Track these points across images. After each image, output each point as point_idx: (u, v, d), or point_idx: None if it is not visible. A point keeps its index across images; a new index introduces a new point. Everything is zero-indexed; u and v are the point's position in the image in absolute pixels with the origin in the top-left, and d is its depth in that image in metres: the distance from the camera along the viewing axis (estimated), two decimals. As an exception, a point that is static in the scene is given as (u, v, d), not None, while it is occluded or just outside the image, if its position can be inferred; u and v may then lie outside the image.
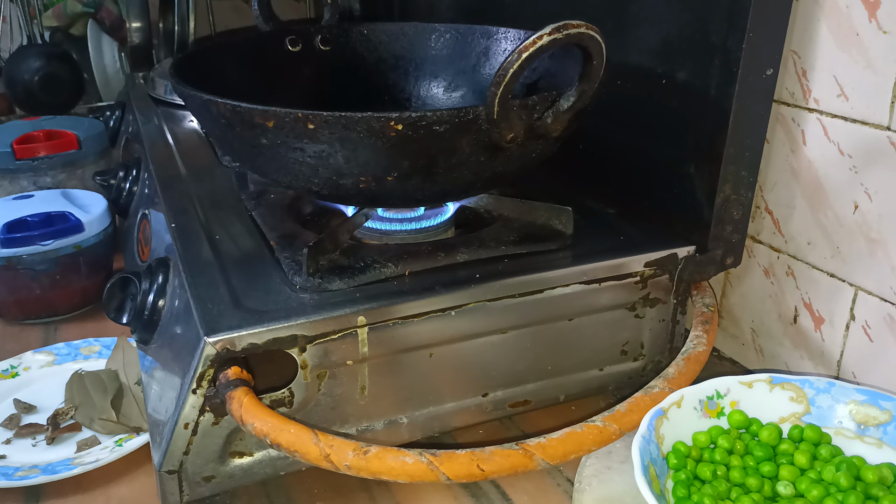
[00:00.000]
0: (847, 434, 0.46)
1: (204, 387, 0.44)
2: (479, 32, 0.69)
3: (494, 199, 0.60)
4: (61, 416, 0.57)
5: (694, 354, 0.51)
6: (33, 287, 0.71)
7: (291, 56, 0.70)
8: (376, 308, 0.47)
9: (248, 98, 0.45)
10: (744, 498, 0.43)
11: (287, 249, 0.52)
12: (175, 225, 0.58)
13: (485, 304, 0.50)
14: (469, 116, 0.43)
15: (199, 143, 0.80)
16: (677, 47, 0.56)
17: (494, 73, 0.42)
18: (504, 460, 0.42)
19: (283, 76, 0.69)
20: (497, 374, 0.53)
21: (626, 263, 0.54)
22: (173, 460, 0.46)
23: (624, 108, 0.62)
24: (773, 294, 0.62)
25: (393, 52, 0.73)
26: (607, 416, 0.46)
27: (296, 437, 0.41)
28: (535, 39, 0.40)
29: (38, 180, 0.87)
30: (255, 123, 0.45)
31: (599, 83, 0.45)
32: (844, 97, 0.53)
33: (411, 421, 0.52)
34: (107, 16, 1.37)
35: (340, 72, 0.72)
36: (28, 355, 0.66)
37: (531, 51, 0.40)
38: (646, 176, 0.61)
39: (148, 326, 0.53)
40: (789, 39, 0.55)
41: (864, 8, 0.50)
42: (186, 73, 0.54)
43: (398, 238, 0.56)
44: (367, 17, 1.24)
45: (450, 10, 0.94)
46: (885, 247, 0.52)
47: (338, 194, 0.52)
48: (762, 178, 0.60)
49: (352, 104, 0.60)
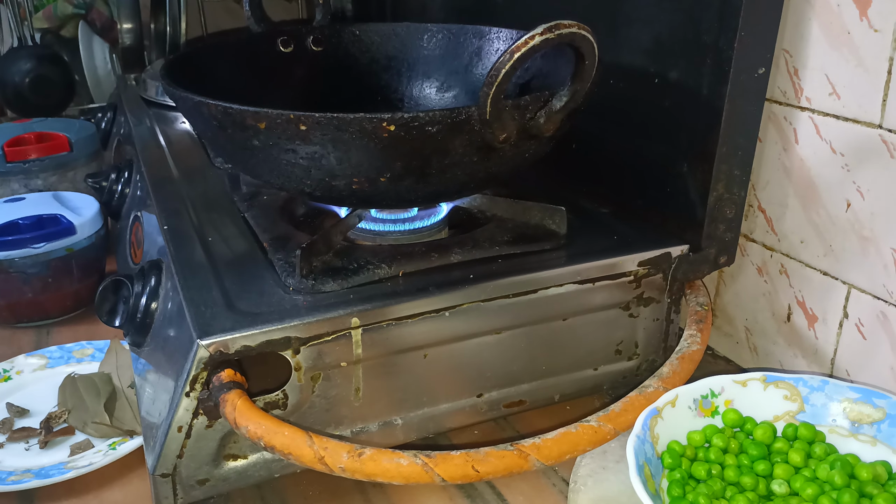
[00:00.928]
0: (841, 432, 0.46)
1: (197, 390, 0.44)
2: (472, 32, 0.69)
3: (488, 199, 0.60)
4: (54, 419, 0.57)
5: (688, 353, 0.51)
6: (25, 290, 0.71)
7: (283, 57, 0.70)
8: (370, 309, 0.47)
9: (240, 100, 0.45)
10: (739, 497, 0.43)
11: (280, 251, 0.52)
12: (167, 227, 0.58)
13: (479, 305, 0.50)
14: (461, 117, 0.43)
15: (192, 144, 0.79)
16: (669, 47, 0.56)
17: (486, 73, 0.42)
18: (499, 461, 0.42)
19: (274, 77, 0.69)
20: (492, 375, 0.53)
21: (619, 263, 0.54)
22: (167, 464, 0.45)
23: (616, 107, 0.62)
24: (766, 292, 0.62)
25: (385, 53, 0.72)
26: (602, 415, 0.46)
27: (290, 439, 0.41)
28: (526, 39, 0.40)
29: (29, 183, 0.86)
30: (247, 125, 0.45)
31: (592, 83, 0.45)
32: (836, 95, 0.53)
33: (406, 422, 0.51)
34: (98, 17, 1.36)
35: (333, 72, 0.72)
36: (20, 359, 0.65)
37: (523, 51, 0.40)
38: (639, 175, 0.61)
39: (141, 329, 0.53)
40: (781, 38, 0.55)
41: (856, 6, 0.50)
42: (177, 74, 0.54)
43: (392, 239, 0.56)
44: (359, 17, 1.24)
45: (442, 9, 0.94)
46: (877, 244, 0.52)
47: (331, 195, 0.52)
48: (755, 177, 0.60)
49: (344, 105, 0.60)
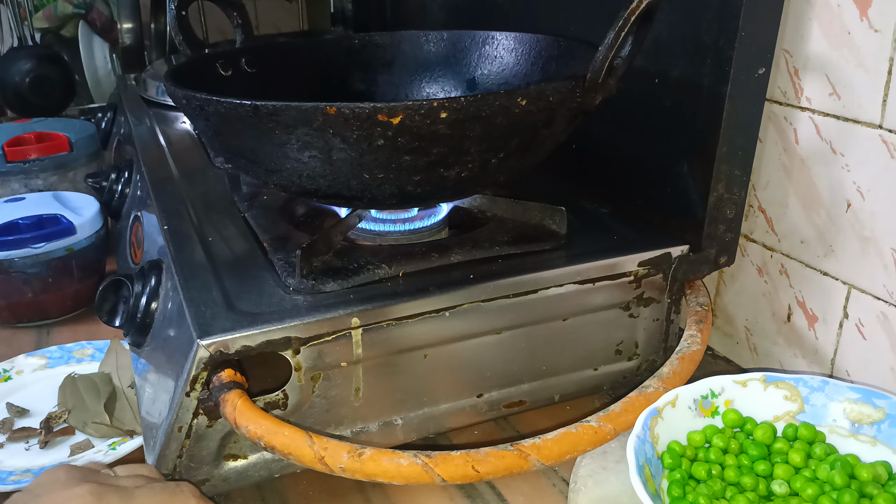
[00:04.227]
0: (841, 432, 0.46)
1: (197, 390, 0.44)
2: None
3: (488, 199, 0.60)
4: (54, 419, 0.57)
5: (688, 354, 0.51)
6: (25, 290, 0.71)
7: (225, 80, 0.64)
8: (370, 309, 0.47)
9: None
10: (739, 497, 0.43)
11: (280, 251, 0.52)
12: (167, 227, 0.58)
13: (479, 305, 0.50)
14: (571, 85, 0.45)
15: (192, 144, 0.79)
16: (669, 47, 0.56)
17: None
18: (499, 461, 0.42)
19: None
20: (492, 375, 0.53)
21: (619, 263, 0.54)
22: (167, 463, 0.45)
23: (617, 107, 0.62)
24: (766, 293, 0.62)
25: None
26: (602, 416, 0.46)
27: (290, 439, 0.41)
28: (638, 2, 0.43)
29: (29, 183, 0.86)
30: (282, 121, 0.43)
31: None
32: (836, 96, 0.53)
33: (406, 422, 0.51)
34: (98, 17, 1.36)
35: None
36: (20, 359, 0.65)
37: (637, 12, 0.43)
38: (639, 175, 0.61)
39: (141, 329, 0.53)
40: (781, 38, 0.55)
41: (856, 6, 0.50)
42: (184, 77, 0.53)
43: (392, 239, 0.56)
44: (359, 18, 1.24)
45: (441, 10, 0.94)
46: (877, 245, 0.52)
47: (348, 195, 0.51)
48: (755, 177, 0.60)
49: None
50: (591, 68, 0.46)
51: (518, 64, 0.64)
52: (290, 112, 0.42)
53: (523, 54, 0.63)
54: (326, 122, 0.42)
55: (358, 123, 0.42)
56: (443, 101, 0.42)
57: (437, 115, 0.42)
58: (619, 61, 0.47)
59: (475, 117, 0.43)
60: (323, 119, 0.42)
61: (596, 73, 0.46)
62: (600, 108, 0.48)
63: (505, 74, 0.65)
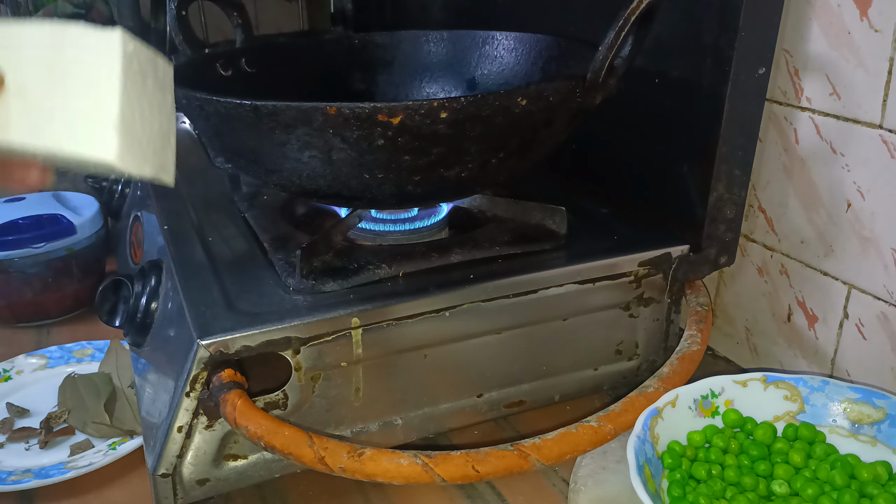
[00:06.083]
0: (841, 432, 0.46)
1: (197, 390, 0.44)
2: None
3: (488, 199, 0.60)
4: (54, 419, 0.57)
5: (688, 353, 0.51)
6: (25, 290, 0.71)
7: (225, 79, 0.64)
8: (370, 309, 0.47)
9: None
10: (739, 497, 0.43)
11: (280, 251, 0.52)
12: (167, 227, 0.58)
13: (479, 305, 0.50)
14: (571, 84, 0.45)
15: (192, 144, 0.79)
16: (670, 47, 0.56)
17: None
18: (499, 461, 0.42)
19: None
20: (492, 375, 0.53)
21: (620, 263, 0.54)
22: (167, 464, 0.45)
23: (617, 107, 0.62)
24: (766, 293, 0.62)
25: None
26: (602, 415, 0.46)
27: (290, 439, 0.41)
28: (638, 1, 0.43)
29: (29, 183, 0.86)
30: (282, 121, 0.43)
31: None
32: (836, 96, 0.53)
33: (406, 422, 0.51)
34: (98, 17, 1.36)
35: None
36: (20, 359, 0.65)
37: (637, 13, 0.43)
38: (639, 175, 0.61)
39: (141, 329, 0.53)
40: (781, 38, 0.55)
41: (856, 6, 0.50)
42: (184, 77, 0.53)
43: (392, 239, 0.56)
44: (359, 17, 1.24)
45: (441, 9, 0.94)
46: (877, 245, 0.52)
47: (349, 195, 0.51)
48: (755, 177, 0.60)
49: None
50: (591, 68, 0.46)
51: (518, 64, 0.64)
52: (290, 112, 0.42)
53: (523, 54, 0.63)
54: (326, 121, 0.42)
55: (358, 123, 0.42)
56: (443, 101, 0.42)
57: (437, 115, 0.42)
58: (619, 61, 0.47)
59: (475, 117, 0.43)
60: (323, 119, 0.42)
61: (596, 74, 0.46)
62: (600, 108, 0.48)
63: (505, 74, 0.65)
